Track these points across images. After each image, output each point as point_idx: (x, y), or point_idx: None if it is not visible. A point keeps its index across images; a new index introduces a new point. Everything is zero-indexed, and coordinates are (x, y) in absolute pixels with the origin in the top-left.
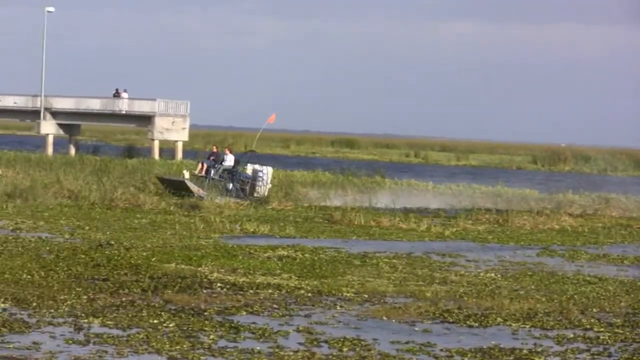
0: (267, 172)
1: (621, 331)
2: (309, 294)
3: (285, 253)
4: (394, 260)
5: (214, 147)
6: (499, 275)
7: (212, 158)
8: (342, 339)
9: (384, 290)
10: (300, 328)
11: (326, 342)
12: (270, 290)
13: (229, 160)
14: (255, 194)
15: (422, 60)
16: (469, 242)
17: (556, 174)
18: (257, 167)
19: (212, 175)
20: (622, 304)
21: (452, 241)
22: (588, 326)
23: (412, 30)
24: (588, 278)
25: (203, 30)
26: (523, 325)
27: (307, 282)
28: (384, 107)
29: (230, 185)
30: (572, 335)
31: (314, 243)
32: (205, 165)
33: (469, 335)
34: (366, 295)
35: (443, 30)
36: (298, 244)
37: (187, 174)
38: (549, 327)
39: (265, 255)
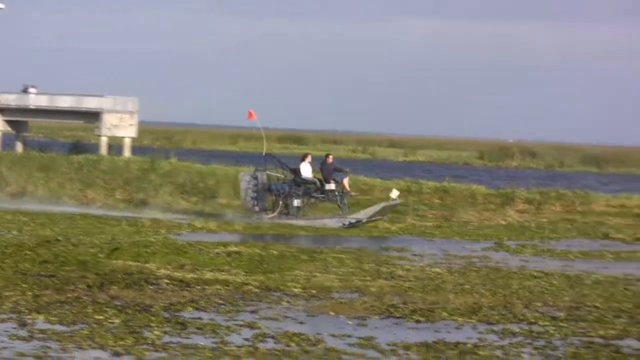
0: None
1: (565, 325)
2: (256, 290)
3: (235, 249)
4: (341, 256)
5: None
6: (445, 270)
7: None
8: (287, 334)
9: (330, 286)
10: (246, 323)
11: (272, 337)
12: (217, 286)
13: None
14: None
15: (369, 56)
16: (416, 237)
17: (503, 169)
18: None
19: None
20: (566, 298)
21: (400, 236)
22: (532, 320)
23: (361, 27)
24: (533, 272)
25: (154, 29)
26: (468, 320)
27: (254, 277)
28: (332, 103)
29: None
30: (516, 330)
31: (262, 239)
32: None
33: (414, 330)
34: (313, 291)
35: (392, 27)
36: (246, 240)
37: (395, 193)
38: (493, 322)
39: (215, 251)
